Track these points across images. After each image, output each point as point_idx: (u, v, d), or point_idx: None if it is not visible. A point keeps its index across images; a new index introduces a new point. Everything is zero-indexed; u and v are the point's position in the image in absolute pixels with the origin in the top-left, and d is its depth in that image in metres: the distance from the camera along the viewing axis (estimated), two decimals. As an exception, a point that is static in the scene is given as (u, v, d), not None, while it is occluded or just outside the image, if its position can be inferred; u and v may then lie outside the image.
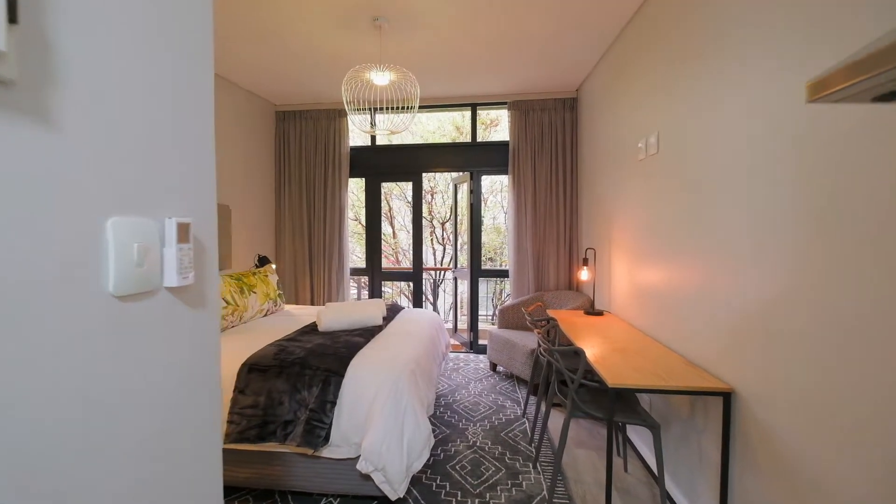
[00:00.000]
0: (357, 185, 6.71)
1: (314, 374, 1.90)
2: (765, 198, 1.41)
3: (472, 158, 4.30)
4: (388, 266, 8.01)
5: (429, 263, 8.40)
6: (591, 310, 2.92)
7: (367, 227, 4.54)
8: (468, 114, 4.46)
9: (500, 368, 3.82)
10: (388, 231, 8.25)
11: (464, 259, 4.76)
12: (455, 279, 5.06)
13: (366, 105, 3.03)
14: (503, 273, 5.75)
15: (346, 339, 2.25)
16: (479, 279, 4.42)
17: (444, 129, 7.74)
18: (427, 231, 8.25)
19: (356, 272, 4.64)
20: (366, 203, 4.53)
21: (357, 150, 4.42)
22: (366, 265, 4.55)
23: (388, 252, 8.35)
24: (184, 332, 0.83)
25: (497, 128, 7.32)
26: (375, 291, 4.56)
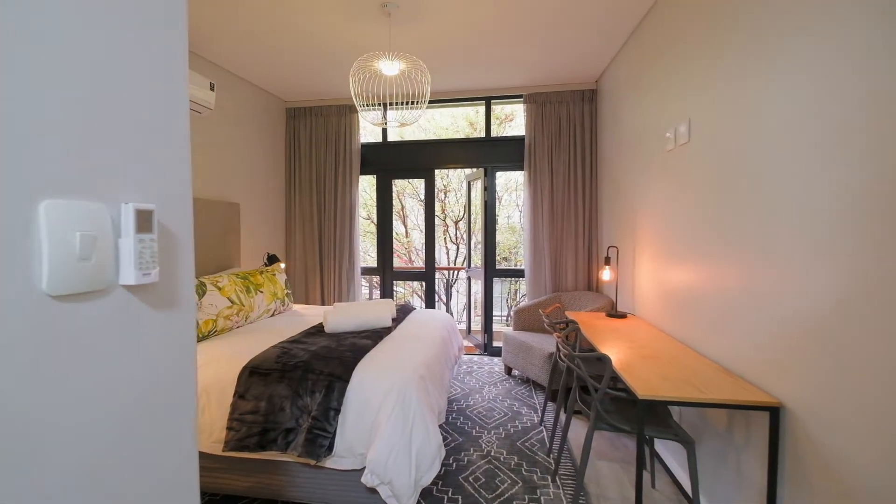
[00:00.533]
0: (369, 184, 6.62)
1: (317, 379, 1.78)
2: (826, 191, 1.23)
3: (486, 154, 4.15)
4: (401, 265, 7.91)
5: (442, 263, 8.27)
6: (614, 312, 2.75)
7: (379, 225, 4.43)
8: (482, 109, 4.31)
9: (516, 372, 3.67)
10: (401, 230, 8.14)
11: (477, 258, 4.62)
12: (468, 279, 4.92)
13: (375, 97, 2.92)
14: (518, 273, 5.58)
15: (353, 342, 2.13)
16: (494, 279, 4.26)
17: (458, 125, 7.58)
18: (440, 230, 8.13)
19: (367, 271, 4.53)
20: (377, 200, 4.42)
21: (368, 147, 4.31)
22: (377, 264, 4.44)
23: (401, 251, 8.25)
24: (146, 340, 0.71)
25: (512, 123, 7.14)
26: (387, 291, 4.45)
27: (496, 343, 4.23)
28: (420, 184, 6.50)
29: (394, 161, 4.31)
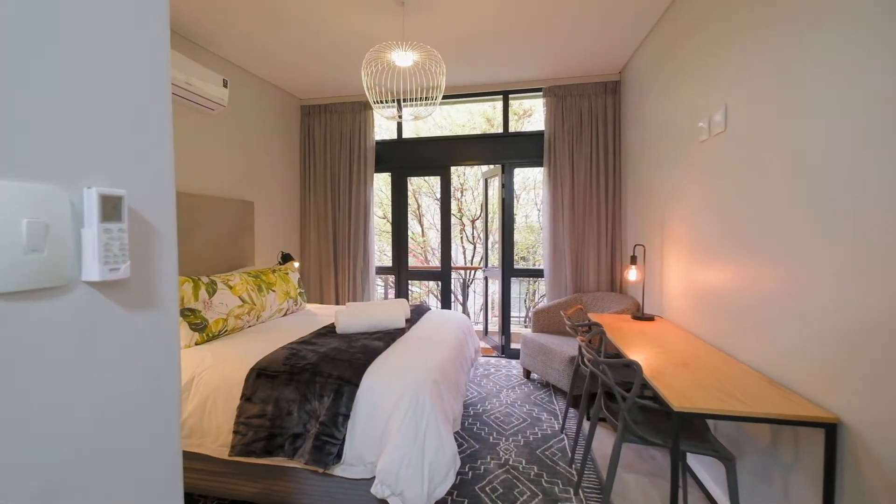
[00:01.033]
0: (384, 182, 6.57)
1: (325, 383, 1.69)
2: (891, 182, 1.08)
3: (504, 150, 4.02)
4: (416, 265, 7.83)
5: (458, 262, 8.15)
6: (640, 314, 2.59)
7: (394, 224, 4.35)
8: (499, 104, 4.18)
9: (535, 376, 3.53)
10: (417, 229, 8.07)
11: (495, 258, 4.49)
12: (485, 279, 4.79)
13: (388, 90, 2.83)
14: (537, 273, 5.43)
15: (364, 344, 2.04)
16: (511, 279, 4.13)
17: (475, 122, 7.44)
18: (456, 229, 8.01)
19: (382, 271, 4.46)
20: (392, 198, 4.34)
21: (382, 144, 4.24)
22: (392, 263, 4.37)
23: (417, 251, 8.18)
24: (117, 343, 0.62)
25: (530, 118, 6.96)
26: (402, 291, 4.37)
27: (514, 345, 4.10)
28: (436, 181, 6.40)
29: (409, 158, 4.22)
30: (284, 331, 2.41)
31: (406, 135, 4.32)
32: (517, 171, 4.22)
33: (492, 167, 4.24)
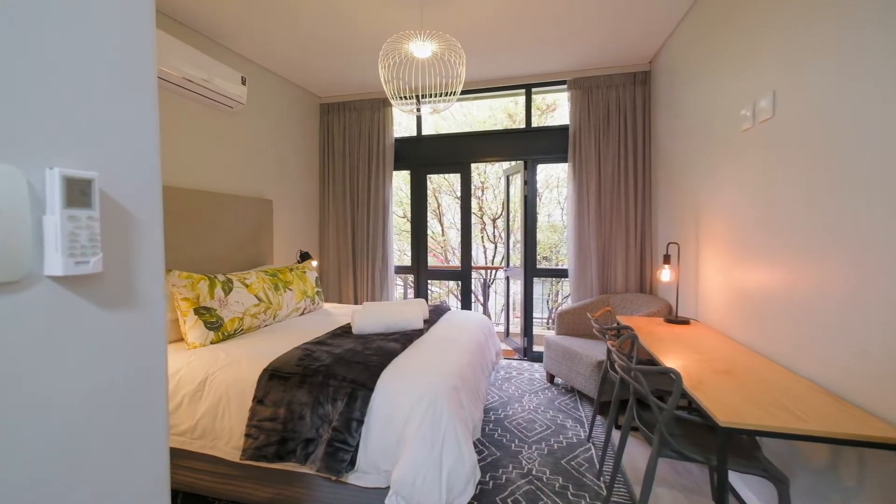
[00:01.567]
0: (404, 181, 6.52)
1: (339, 386, 1.62)
2: None
3: (527, 146, 3.88)
4: (436, 264, 7.75)
5: (479, 262, 8.03)
6: (674, 317, 2.42)
7: (413, 222, 4.27)
8: (522, 99, 4.05)
9: (559, 380, 3.39)
10: (438, 229, 7.98)
11: (516, 258, 4.36)
12: (507, 279, 4.66)
13: (406, 84, 2.75)
14: (560, 273, 5.26)
15: (380, 345, 1.96)
16: (534, 279, 3.99)
17: (496, 118, 7.28)
18: (477, 228, 7.88)
19: (401, 270, 4.39)
20: (411, 196, 4.27)
21: (401, 141, 4.16)
22: (411, 263, 4.29)
23: (437, 250, 8.09)
24: (88, 345, 0.55)
25: (554, 113, 6.76)
26: (421, 291, 4.29)
27: (537, 347, 3.96)
28: (456, 179, 6.31)
29: (428, 155, 4.14)
30: (300, 330, 2.36)
31: (425, 132, 4.24)
32: (540, 168, 4.08)
33: (513, 164, 4.12)
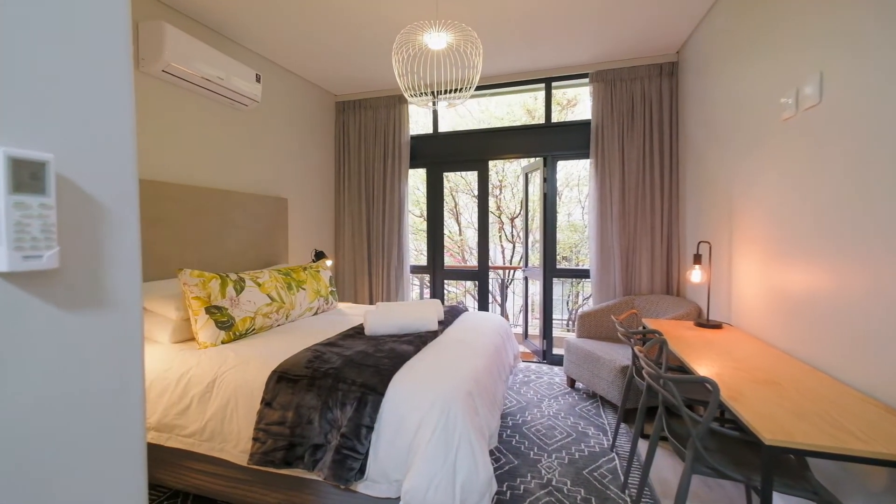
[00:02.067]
0: (421, 180, 6.45)
1: (348, 390, 1.55)
2: None
3: (546, 142, 3.76)
4: (453, 264, 7.66)
5: (497, 262, 7.90)
6: (705, 321, 2.27)
7: (429, 220, 4.19)
8: (541, 94, 3.93)
9: (580, 385, 3.25)
10: (455, 228, 7.89)
11: (535, 258, 4.24)
12: (525, 279, 4.54)
13: (421, 78, 2.67)
14: (581, 273, 5.10)
15: (392, 347, 1.89)
16: (553, 280, 3.86)
17: (515, 114, 7.12)
18: (495, 227, 7.75)
19: (417, 270, 4.32)
20: (427, 194, 4.19)
21: (417, 139, 4.09)
22: (427, 262, 4.21)
23: (454, 250, 8.00)
24: (40, 352, 0.48)
25: (574, 109, 6.58)
26: (437, 291, 4.21)
27: (557, 350, 3.83)
28: (473, 178, 6.20)
29: (445, 152, 4.05)
30: (313, 331, 2.31)
31: (442, 129, 4.16)
32: (560, 166, 3.94)
33: (532, 161, 4.00)
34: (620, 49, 3.22)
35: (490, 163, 4.09)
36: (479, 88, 3.82)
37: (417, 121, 4.90)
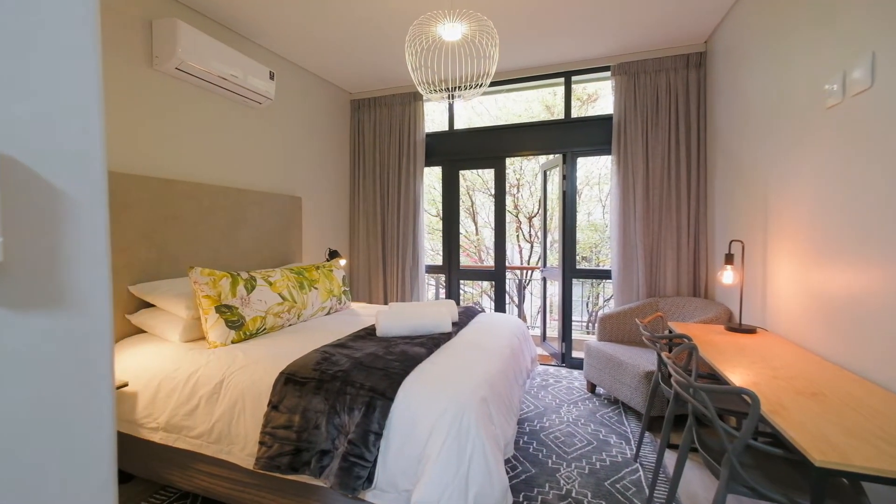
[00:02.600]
0: (436, 178, 6.40)
1: (356, 395, 1.48)
2: None
3: (566, 138, 3.63)
4: (469, 264, 7.56)
5: (514, 262, 7.76)
6: (737, 325, 2.13)
7: (445, 219, 4.12)
8: (560, 90, 3.81)
9: (601, 390, 3.12)
10: (471, 227, 7.79)
11: (554, 258, 4.11)
12: (544, 280, 4.42)
13: (435, 73, 2.60)
14: (601, 274, 4.94)
15: (404, 349, 1.81)
16: (573, 280, 3.73)
17: (533, 111, 6.97)
18: (512, 227, 7.62)
19: (432, 270, 4.25)
20: (443, 192, 4.11)
21: (433, 136, 4.02)
22: (442, 262, 4.14)
23: (471, 250, 7.90)
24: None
25: (595, 104, 6.39)
26: (453, 291, 4.13)
27: (576, 353, 3.70)
28: (490, 176, 6.09)
29: (460, 150, 3.97)
30: (324, 331, 2.26)
31: (458, 126, 4.08)
32: (580, 163, 3.81)
33: (551, 157, 3.88)
34: (644, 40, 3.08)
35: (508, 161, 3.99)
36: (497, 83, 3.73)
37: (434, 119, 4.84)
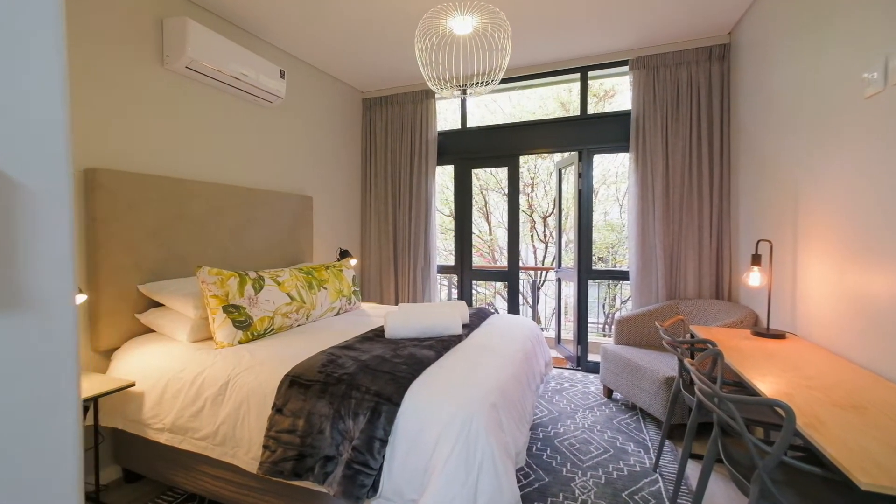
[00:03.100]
0: (449, 177, 6.35)
1: (361, 399, 1.43)
2: None
3: (582, 135, 3.53)
4: (482, 264, 7.47)
5: (528, 263, 7.65)
6: (764, 329, 2.01)
7: (457, 218, 4.05)
8: (576, 86, 3.70)
9: (618, 395, 3.02)
10: (484, 227, 7.70)
11: (569, 258, 4.02)
12: (558, 280, 4.32)
13: (446, 69, 2.54)
14: (618, 275, 4.80)
15: (412, 352, 1.76)
16: (589, 281, 3.63)
17: (547, 108, 6.84)
18: (526, 227, 7.50)
19: (445, 270, 4.19)
20: (455, 191, 4.05)
21: (445, 135, 3.96)
22: (455, 262, 4.07)
23: (484, 250, 7.82)
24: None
25: (612, 100, 6.24)
26: (465, 292, 4.06)
27: (592, 357, 3.59)
28: (503, 175, 6.00)
29: (473, 148, 3.90)
30: (332, 332, 2.22)
31: (471, 124, 4.01)
32: (596, 161, 3.70)
33: (566, 155, 3.78)
34: (664, 32, 2.96)
35: (522, 159, 3.90)
36: (511, 80, 3.65)
37: (446, 117, 4.78)
